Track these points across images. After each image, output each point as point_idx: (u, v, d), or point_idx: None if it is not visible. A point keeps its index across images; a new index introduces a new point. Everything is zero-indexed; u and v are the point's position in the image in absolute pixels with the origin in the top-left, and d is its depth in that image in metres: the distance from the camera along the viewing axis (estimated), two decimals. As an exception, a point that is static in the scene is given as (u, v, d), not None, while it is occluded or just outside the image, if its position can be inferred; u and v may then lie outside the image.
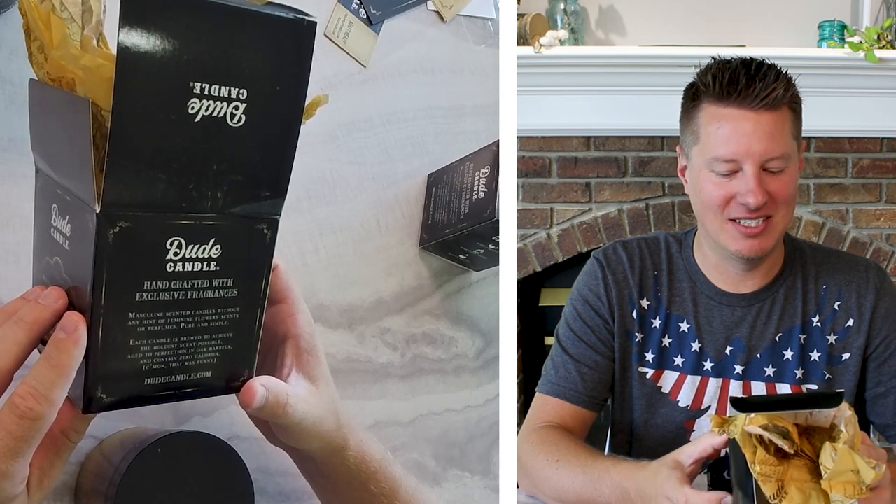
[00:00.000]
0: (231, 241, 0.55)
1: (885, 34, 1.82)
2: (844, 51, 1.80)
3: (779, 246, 0.93)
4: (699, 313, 0.94)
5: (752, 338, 0.93)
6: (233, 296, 0.57)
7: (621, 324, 0.94)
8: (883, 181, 1.93)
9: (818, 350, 0.92)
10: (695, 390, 0.94)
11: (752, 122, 0.83)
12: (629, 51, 1.83)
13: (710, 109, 0.85)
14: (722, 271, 0.93)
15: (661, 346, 0.94)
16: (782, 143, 0.84)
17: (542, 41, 1.79)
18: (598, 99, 1.87)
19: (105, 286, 0.51)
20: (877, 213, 1.94)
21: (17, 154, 0.72)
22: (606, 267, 0.95)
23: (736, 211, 0.85)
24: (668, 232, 0.99)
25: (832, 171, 1.93)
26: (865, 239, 1.93)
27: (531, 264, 1.95)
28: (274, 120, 0.52)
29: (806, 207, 1.93)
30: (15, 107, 0.72)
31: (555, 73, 1.85)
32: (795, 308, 0.93)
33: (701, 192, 0.88)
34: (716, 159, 0.85)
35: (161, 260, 0.52)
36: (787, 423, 0.65)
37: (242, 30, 0.49)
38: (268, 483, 0.78)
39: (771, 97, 0.82)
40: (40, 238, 0.60)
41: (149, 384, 0.56)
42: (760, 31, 1.92)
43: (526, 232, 1.95)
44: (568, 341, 0.95)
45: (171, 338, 0.55)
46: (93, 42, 0.52)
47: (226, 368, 0.59)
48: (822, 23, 1.91)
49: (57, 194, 0.55)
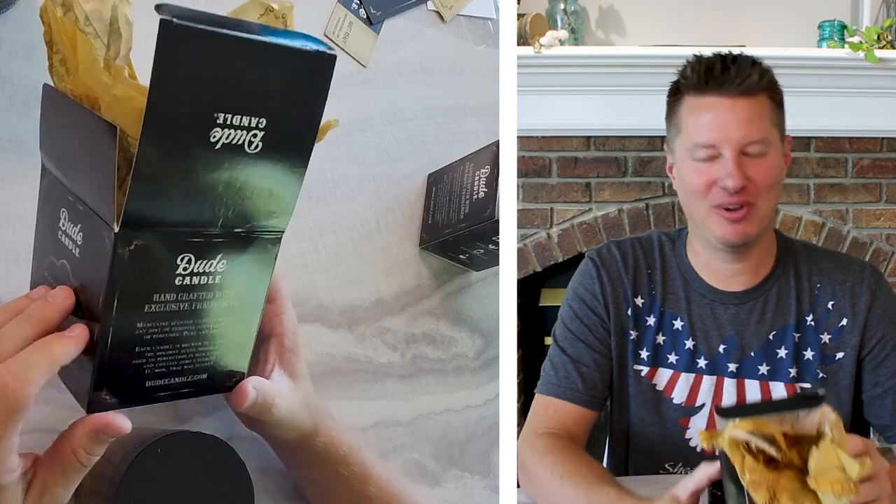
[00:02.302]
0: (237, 256, 0.57)
1: (885, 34, 1.82)
2: (844, 51, 1.80)
3: (769, 241, 0.93)
4: (692, 311, 0.94)
5: (746, 336, 0.93)
6: (233, 305, 0.59)
7: (617, 322, 0.95)
8: (883, 181, 1.93)
9: (812, 349, 0.93)
10: (689, 388, 0.95)
11: (728, 108, 0.86)
12: (629, 51, 1.83)
13: (690, 101, 0.88)
14: (713, 267, 0.94)
15: (655, 344, 0.95)
16: (761, 129, 0.86)
17: (542, 41, 1.79)
18: (598, 99, 1.87)
19: (117, 298, 0.53)
20: (877, 213, 1.94)
21: (17, 154, 0.72)
22: (601, 266, 0.96)
23: (718, 196, 0.87)
24: (661, 231, 1.00)
25: (832, 171, 1.93)
26: (865, 239, 1.93)
27: (531, 264, 1.95)
28: (288, 147, 0.54)
29: (806, 207, 1.93)
30: (15, 107, 0.72)
31: (555, 73, 1.85)
32: (789, 306, 0.93)
33: (684, 182, 0.90)
34: (696, 146, 0.87)
35: (171, 274, 0.54)
36: (773, 430, 0.65)
37: (266, 61, 0.50)
38: (268, 483, 0.78)
39: (746, 83, 0.85)
40: (45, 237, 0.62)
41: (149, 386, 0.58)
42: (760, 31, 1.92)
43: (526, 232, 1.95)
44: (565, 341, 0.95)
45: (174, 344, 0.57)
46: (124, 73, 0.53)
47: (221, 371, 0.62)
48: (822, 23, 1.91)
49: (68, 200, 0.57)
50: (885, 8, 1.90)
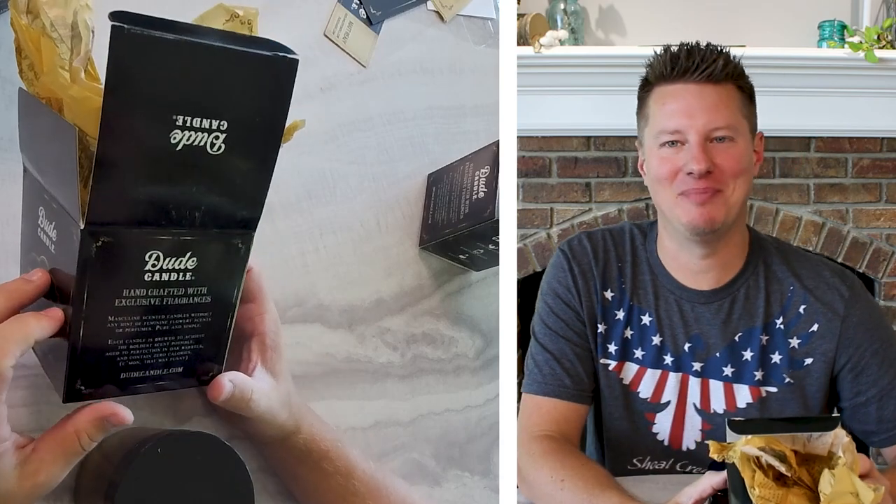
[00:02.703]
0: (206, 254, 0.59)
1: (885, 34, 1.82)
2: (844, 51, 1.80)
3: (740, 237, 0.92)
4: (660, 307, 0.94)
5: (711, 336, 0.92)
6: (206, 302, 0.61)
7: (590, 314, 0.95)
8: (883, 181, 1.93)
9: (780, 352, 0.91)
10: (655, 384, 0.94)
11: (694, 95, 0.86)
12: (629, 51, 1.83)
13: (657, 91, 0.89)
14: (681, 262, 0.93)
15: (623, 338, 0.94)
16: (727, 116, 0.86)
17: (542, 41, 1.79)
18: (598, 99, 1.87)
19: (87, 292, 0.55)
20: (877, 213, 1.94)
21: (17, 154, 0.71)
22: (572, 258, 0.96)
23: (683, 183, 0.87)
24: (633, 222, 1.00)
25: (832, 171, 1.93)
26: (865, 239, 1.93)
27: (531, 264, 1.95)
28: (252, 148, 0.55)
29: (806, 207, 1.93)
30: (15, 107, 0.72)
31: (555, 73, 1.85)
32: (757, 308, 0.92)
33: (651, 171, 0.90)
34: (662, 132, 0.87)
35: (140, 270, 0.56)
36: (784, 447, 0.65)
37: (226, 67, 0.51)
38: (268, 483, 0.78)
39: (710, 69, 0.85)
40: (28, 235, 0.64)
41: (124, 378, 0.60)
42: (760, 31, 1.92)
43: (526, 232, 1.95)
44: (545, 338, 0.95)
45: (146, 338, 0.59)
46: (81, 74, 0.55)
47: (197, 365, 0.64)
48: (822, 23, 1.91)
49: (44, 199, 0.59)
50: (885, 8, 1.90)
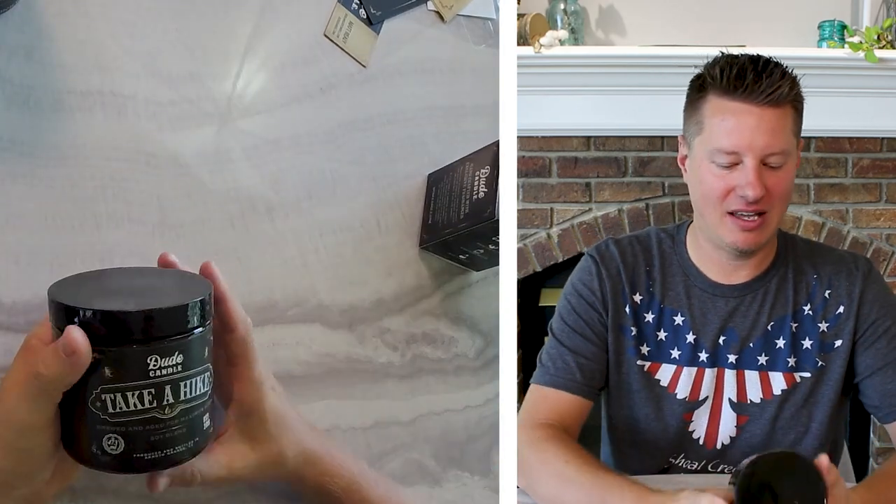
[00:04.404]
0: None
1: (885, 34, 1.82)
2: (844, 51, 1.80)
3: (772, 238, 0.94)
4: (693, 306, 0.96)
5: (745, 327, 0.95)
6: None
7: (615, 318, 0.96)
8: (883, 181, 1.93)
9: (810, 338, 0.94)
10: (692, 382, 0.96)
11: (755, 116, 0.85)
12: (629, 51, 1.83)
13: (715, 102, 0.87)
14: (716, 262, 0.95)
15: (657, 340, 0.96)
16: (783, 140, 0.86)
17: (542, 41, 1.79)
18: (598, 99, 1.87)
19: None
20: (877, 213, 1.94)
21: (17, 154, 0.72)
22: (600, 262, 0.98)
23: (734, 203, 0.87)
24: (659, 227, 1.01)
25: (832, 171, 1.93)
26: (865, 239, 1.93)
27: (531, 264, 1.95)
28: None
29: (806, 207, 1.93)
30: (15, 107, 0.72)
31: (555, 73, 1.84)
32: (787, 297, 0.95)
33: (701, 184, 0.90)
34: (718, 150, 0.87)
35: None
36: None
37: None
38: (267, 482, 0.78)
39: (776, 94, 0.85)
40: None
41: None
42: (760, 31, 1.92)
43: (526, 232, 1.95)
44: (563, 334, 0.97)
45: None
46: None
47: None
48: (822, 23, 1.91)
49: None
50: (885, 8, 1.90)
